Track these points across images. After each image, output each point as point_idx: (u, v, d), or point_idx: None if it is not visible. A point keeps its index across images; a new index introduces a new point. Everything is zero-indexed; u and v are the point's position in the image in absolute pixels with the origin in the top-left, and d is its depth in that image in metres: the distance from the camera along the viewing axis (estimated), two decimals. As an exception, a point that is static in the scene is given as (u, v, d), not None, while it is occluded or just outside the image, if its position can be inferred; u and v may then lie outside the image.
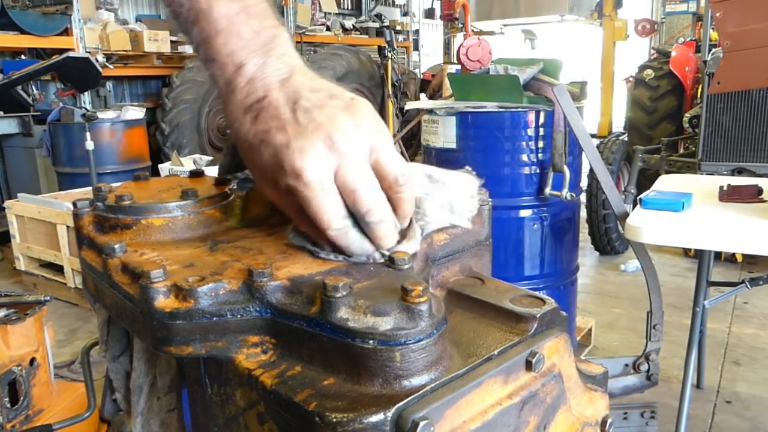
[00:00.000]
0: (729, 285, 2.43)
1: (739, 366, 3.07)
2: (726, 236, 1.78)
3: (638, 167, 4.55)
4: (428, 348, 0.54)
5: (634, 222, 1.84)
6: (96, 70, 5.48)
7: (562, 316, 0.68)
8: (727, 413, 2.66)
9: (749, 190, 2.06)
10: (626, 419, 2.32)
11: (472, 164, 2.75)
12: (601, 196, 4.34)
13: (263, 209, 0.82)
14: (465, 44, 3.01)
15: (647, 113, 5.34)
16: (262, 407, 0.58)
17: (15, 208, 4.36)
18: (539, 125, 2.46)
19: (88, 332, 3.69)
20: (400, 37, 11.21)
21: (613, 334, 3.49)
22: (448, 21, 8.22)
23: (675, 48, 5.47)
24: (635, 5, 11.28)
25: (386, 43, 7.80)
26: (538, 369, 0.61)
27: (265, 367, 0.58)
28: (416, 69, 11.37)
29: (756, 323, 3.57)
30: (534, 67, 2.59)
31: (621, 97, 7.86)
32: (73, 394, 2.07)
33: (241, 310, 0.59)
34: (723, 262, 4.43)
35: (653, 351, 2.28)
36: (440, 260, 0.77)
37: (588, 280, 4.42)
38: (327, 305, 0.55)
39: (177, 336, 0.59)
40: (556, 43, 11.82)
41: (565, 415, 0.65)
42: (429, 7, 13.68)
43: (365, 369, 0.53)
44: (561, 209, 2.61)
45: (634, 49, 9.79)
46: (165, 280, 0.60)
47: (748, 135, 3.79)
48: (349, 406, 0.51)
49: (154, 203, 0.74)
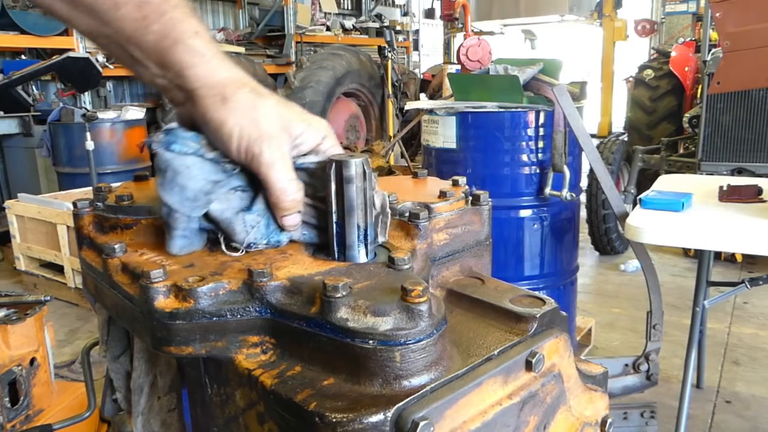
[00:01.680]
0: (729, 285, 2.43)
1: (738, 366, 3.07)
2: (726, 236, 1.78)
3: (638, 167, 4.55)
4: (428, 348, 0.54)
5: (634, 222, 1.84)
6: (96, 70, 5.48)
7: (562, 316, 0.68)
8: (726, 413, 2.66)
9: (749, 190, 2.06)
10: (626, 419, 2.32)
11: (472, 164, 2.74)
12: (601, 196, 4.34)
13: (263, 209, 0.82)
14: (465, 44, 3.01)
15: (647, 113, 5.34)
16: (262, 407, 0.58)
17: (15, 208, 4.36)
18: (539, 125, 2.46)
19: (88, 332, 3.69)
20: (400, 37, 11.21)
21: (613, 334, 3.49)
22: (448, 21, 8.20)
23: (675, 48, 5.47)
24: (635, 5, 11.27)
25: (386, 43, 7.80)
26: (538, 369, 0.61)
27: (265, 367, 0.58)
28: (416, 69, 11.36)
29: (756, 323, 3.57)
30: (534, 67, 2.59)
31: (621, 97, 7.85)
32: (73, 394, 2.06)
33: (241, 310, 0.59)
34: (723, 262, 4.43)
35: (653, 351, 2.28)
36: (440, 260, 0.77)
37: (588, 280, 4.42)
38: (327, 305, 0.55)
39: (177, 336, 0.59)
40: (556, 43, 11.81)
41: (565, 415, 0.65)
42: (429, 7, 13.66)
43: (365, 369, 0.53)
44: (561, 209, 2.61)
45: (634, 49, 9.78)
46: (165, 280, 0.60)
47: (747, 135, 3.79)
48: (349, 406, 0.51)
49: (154, 203, 0.74)
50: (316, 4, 9.73)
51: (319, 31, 9.19)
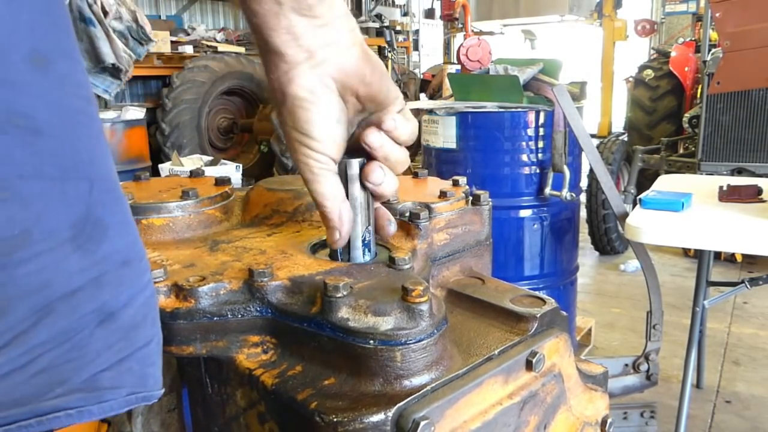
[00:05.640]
0: (729, 285, 2.43)
1: (738, 366, 3.07)
2: (725, 236, 1.78)
3: (638, 167, 4.55)
4: (429, 348, 0.54)
5: (633, 222, 1.84)
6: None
7: (562, 316, 0.68)
8: (726, 413, 2.66)
9: (749, 190, 2.06)
10: (626, 419, 2.32)
11: (472, 164, 2.73)
12: (601, 196, 4.34)
13: (263, 209, 0.82)
14: (465, 44, 3.01)
15: (647, 113, 5.34)
16: (263, 407, 0.58)
17: (15, 208, 4.36)
18: (539, 125, 2.46)
19: (88, 332, 3.69)
20: (400, 37, 11.20)
21: (613, 334, 3.49)
22: (448, 21, 8.21)
23: (675, 48, 5.47)
24: (635, 5, 11.28)
25: (386, 43, 7.81)
26: (538, 369, 0.61)
27: (266, 366, 0.58)
28: (416, 69, 11.37)
29: (756, 323, 3.57)
30: (534, 67, 2.59)
31: (621, 97, 7.86)
32: (73, 394, 2.06)
33: (242, 310, 0.59)
34: (723, 262, 4.43)
35: (653, 351, 2.28)
36: (440, 260, 0.77)
37: (588, 280, 4.42)
38: (328, 305, 0.55)
39: (178, 336, 0.59)
40: (556, 43, 11.82)
41: (565, 415, 0.65)
42: (429, 7, 13.67)
43: (366, 369, 0.53)
44: (561, 209, 2.61)
45: (634, 49, 9.79)
46: (165, 279, 0.60)
47: (747, 135, 3.79)
48: (350, 406, 0.51)
49: (154, 203, 0.74)
50: (316, 4, 9.72)
51: (319, 31, 9.17)
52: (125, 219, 0.45)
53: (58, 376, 0.41)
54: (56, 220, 0.39)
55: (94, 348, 0.42)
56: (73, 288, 0.40)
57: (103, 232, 0.42)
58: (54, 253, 0.39)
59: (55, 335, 0.40)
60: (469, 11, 7.92)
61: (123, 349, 0.45)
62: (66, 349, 0.41)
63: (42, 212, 0.38)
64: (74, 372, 0.42)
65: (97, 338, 0.42)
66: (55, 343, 0.40)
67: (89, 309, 0.42)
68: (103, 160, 0.44)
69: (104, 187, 0.43)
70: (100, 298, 0.42)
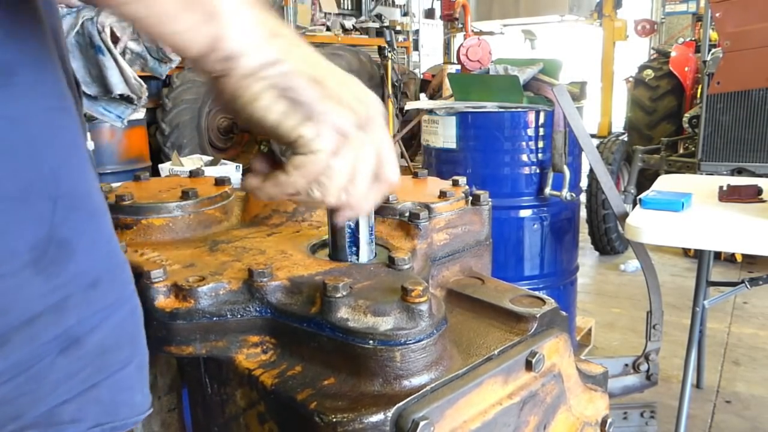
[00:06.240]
0: (729, 285, 2.43)
1: (738, 366, 3.07)
2: (726, 236, 1.78)
3: (638, 167, 4.55)
4: (428, 348, 0.54)
5: (633, 222, 1.84)
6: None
7: (562, 316, 0.68)
8: (726, 413, 2.66)
9: (749, 190, 2.06)
10: (626, 419, 2.32)
11: (472, 164, 2.74)
12: (601, 196, 4.33)
13: (263, 209, 0.82)
14: (465, 44, 3.01)
15: (647, 113, 5.34)
16: (263, 407, 0.58)
17: (15, 208, 4.36)
18: (539, 125, 2.46)
19: (88, 332, 3.69)
20: (400, 37, 11.19)
21: (613, 334, 3.49)
22: (448, 21, 8.20)
23: (675, 48, 5.47)
24: (635, 5, 11.27)
25: (386, 43, 7.79)
26: (538, 369, 0.61)
27: (266, 367, 0.58)
28: (416, 69, 11.36)
29: (756, 323, 3.57)
30: (534, 67, 2.59)
31: (621, 97, 7.86)
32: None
33: (242, 310, 0.59)
34: (723, 262, 4.43)
35: (653, 351, 2.28)
36: (440, 260, 0.77)
37: (588, 280, 4.41)
38: (327, 305, 0.55)
39: (177, 336, 0.59)
40: (556, 43, 11.81)
41: (565, 415, 0.65)
42: (429, 7, 13.66)
43: (365, 369, 0.53)
44: (561, 209, 2.61)
45: (634, 49, 9.79)
46: (165, 280, 0.60)
47: (747, 135, 3.79)
48: (350, 406, 0.51)
49: (154, 203, 0.74)
50: (316, 5, 9.72)
51: (319, 32, 9.18)
52: (96, 236, 0.42)
53: (12, 410, 0.38)
54: (14, 242, 0.36)
55: (54, 378, 0.39)
56: (33, 314, 0.37)
57: (69, 254, 0.39)
58: (12, 278, 0.36)
59: (10, 367, 0.37)
60: (469, 11, 7.91)
61: (90, 377, 0.41)
62: (21, 381, 0.37)
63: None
64: (30, 406, 0.38)
65: (58, 368, 0.39)
66: (8, 376, 0.37)
67: (50, 336, 0.38)
68: (72, 173, 0.40)
69: (70, 204, 0.39)
70: (64, 323, 0.39)
